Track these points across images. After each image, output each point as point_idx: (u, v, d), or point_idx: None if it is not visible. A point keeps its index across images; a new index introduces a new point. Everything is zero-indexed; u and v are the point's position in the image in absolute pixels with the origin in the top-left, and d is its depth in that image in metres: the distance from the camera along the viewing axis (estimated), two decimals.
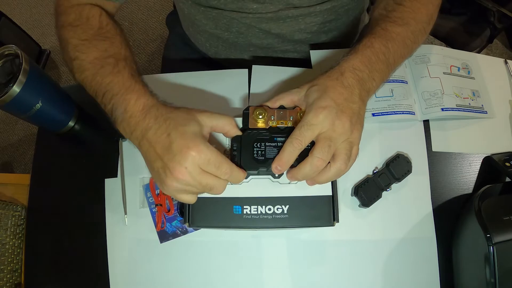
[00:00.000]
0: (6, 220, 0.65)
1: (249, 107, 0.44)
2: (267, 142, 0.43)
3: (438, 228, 0.53)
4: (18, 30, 1.56)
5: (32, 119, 0.56)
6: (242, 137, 0.43)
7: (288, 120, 0.44)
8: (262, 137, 0.43)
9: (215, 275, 0.53)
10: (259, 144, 0.43)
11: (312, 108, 0.41)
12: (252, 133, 0.43)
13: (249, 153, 0.42)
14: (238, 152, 0.42)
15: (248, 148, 0.43)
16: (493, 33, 1.08)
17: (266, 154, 0.42)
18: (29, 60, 0.52)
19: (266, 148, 0.42)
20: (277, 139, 0.43)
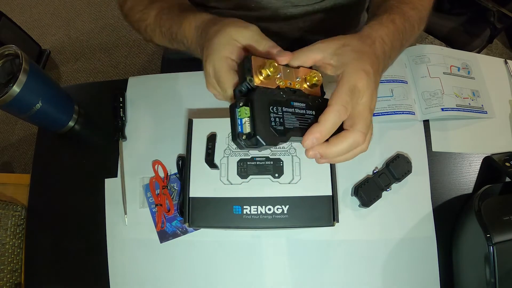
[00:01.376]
0: (6, 220, 0.65)
1: (251, 57, 0.34)
2: (284, 106, 0.33)
3: (438, 228, 0.53)
4: (18, 30, 1.56)
5: (32, 119, 0.56)
6: (253, 96, 0.32)
7: (295, 81, 0.36)
8: (278, 99, 0.33)
9: (215, 275, 0.53)
10: (276, 108, 0.33)
11: (356, 69, 0.34)
12: (267, 92, 0.33)
13: (265, 120, 0.31)
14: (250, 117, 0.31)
15: (263, 113, 0.32)
16: (493, 33, 1.08)
17: (285, 123, 0.33)
18: (29, 60, 0.52)
19: (284, 115, 0.33)
20: (294, 103, 0.34)
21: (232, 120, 0.32)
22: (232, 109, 0.32)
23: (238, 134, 0.32)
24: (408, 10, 0.46)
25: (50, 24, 1.80)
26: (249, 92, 0.33)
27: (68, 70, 1.69)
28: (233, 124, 0.32)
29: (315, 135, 0.32)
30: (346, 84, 0.34)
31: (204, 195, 0.43)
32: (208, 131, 0.47)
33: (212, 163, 0.44)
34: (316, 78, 0.36)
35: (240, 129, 0.32)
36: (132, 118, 0.62)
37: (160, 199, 0.55)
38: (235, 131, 0.32)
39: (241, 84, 0.33)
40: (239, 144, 0.32)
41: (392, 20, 0.43)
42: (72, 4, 1.84)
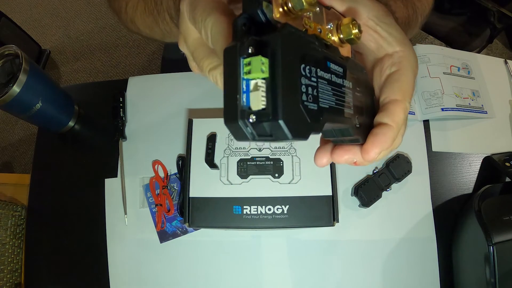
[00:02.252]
0: (6, 220, 0.65)
1: None
2: (319, 68, 0.19)
3: (438, 228, 0.53)
4: (18, 30, 1.56)
5: (32, 119, 0.56)
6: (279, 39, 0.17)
7: (325, 28, 0.23)
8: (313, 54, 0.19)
9: (215, 275, 0.53)
10: (309, 69, 0.18)
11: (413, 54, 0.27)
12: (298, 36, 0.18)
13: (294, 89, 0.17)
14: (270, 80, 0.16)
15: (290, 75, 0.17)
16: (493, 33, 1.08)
17: (319, 99, 0.19)
18: (29, 60, 0.52)
19: (319, 83, 0.19)
20: (331, 65, 0.21)
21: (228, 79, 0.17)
22: (230, 55, 0.17)
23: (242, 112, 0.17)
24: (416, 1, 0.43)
25: (50, 24, 1.80)
26: (262, 30, 0.18)
27: (68, 70, 1.70)
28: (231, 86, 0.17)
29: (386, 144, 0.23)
30: (411, 70, 0.26)
31: (204, 195, 0.44)
32: (208, 131, 0.47)
33: (212, 163, 0.44)
34: (356, 30, 0.23)
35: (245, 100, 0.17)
36: (132, 118, 0.62)
37: (160, 199, 0.55)
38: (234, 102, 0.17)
39: (248, 12, 0.19)
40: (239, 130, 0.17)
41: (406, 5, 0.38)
42: (72, 4, 1.84)
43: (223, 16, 0.22)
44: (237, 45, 0.17)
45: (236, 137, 0.17)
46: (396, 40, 0.27)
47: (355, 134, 0.23)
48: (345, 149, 0.24)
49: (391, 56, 0.27)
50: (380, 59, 0.27)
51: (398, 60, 0.26)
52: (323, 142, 0.27)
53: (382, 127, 0.24)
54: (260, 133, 0.17)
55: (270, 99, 0.16)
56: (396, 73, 0.26)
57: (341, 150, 0.24)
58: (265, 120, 0.16)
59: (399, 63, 0.26)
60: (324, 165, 0.25)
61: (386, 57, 0.27)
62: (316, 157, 0.25)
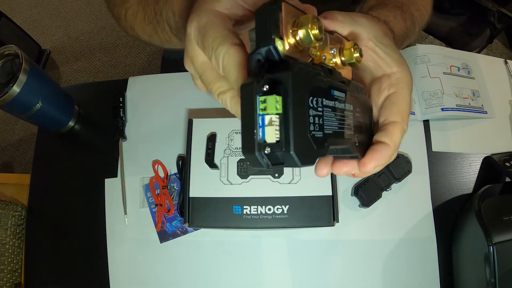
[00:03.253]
0: (6, 220, 0.64)
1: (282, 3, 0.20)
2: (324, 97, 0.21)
3: (438, 228, 0.53)
4: (18, 30, 1.56)
5: (32, 119, 0.56)
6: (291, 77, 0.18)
7: (329, 53, 0.24)
8: (319, 85, 0.21)
9: (215, 275, 0.53)
10: (316, 101, 0.20)
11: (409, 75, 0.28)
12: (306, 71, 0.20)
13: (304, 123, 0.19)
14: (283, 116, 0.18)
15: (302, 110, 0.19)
16: (493, 33, 1.08)
17: (324, 127, 0.21)
18: (29, 60, 0.52)
19: (324, 112, 0.21)
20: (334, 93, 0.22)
21: (246, 114, 0.19)
22: (247, 93, 0.19)
23: (259, 145, 0.18)
24: (414, 11, 0.44)
25: (50, 24, 1.80)
26: (274, 65, 0.20)
27: (68, 70, 1.70)
28: (248, 121, 0.18)
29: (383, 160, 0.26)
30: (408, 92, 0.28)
31: (204, 195, 0.44)
32: (208, 131, 0.47)
33: (212, 163, 0.44)
34: (358, 54, 0.24)
35: (261, 134, 0.18)
36: (132, 118, 0.62)
37: (160, 199, 0.55)
38: (251, 137, 0.18)
39: (262, 48, 0.20)
40: (255, 161, 0.19)
41: (405, 19, 0.39)
42: (72, 4, 1.84)
43: (235, 46, 0.23)
44: (254, 83, 0.18)
45: (253, 165, 0.19)
46: (394, 61, 0.28)
47: (354, 152, 0.25)
48: (344, 162, 0.26)
49: (389, 76, 0.28)
50: (378, 78, 0.29)
51: (396, 82, 0.27)
52: None
53: (381, 145, 0.26)
54: (273, 162, 0.19)
55: (283, 133, 0.18)
56: (394, 95, 0.27)
57: (341, 164, 0.26)
58: (278, 151, 0.18)
59: (397, 84, 0.27)
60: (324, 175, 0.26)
61: (384, 77, 0.28)
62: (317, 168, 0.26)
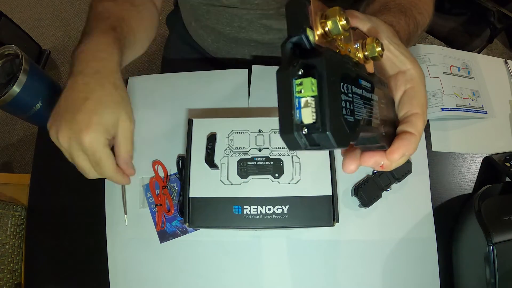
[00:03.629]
0: (6, 220, 0.64)
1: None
2: (354, 85, 0.22)
3: (438, 228, 0.53)
4: (18, 30, 1.56)
5: (32, 119, 0.56)
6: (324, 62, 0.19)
7: (353, 47, 0.26)
8: (349, 73, 0.22)
9: (215, 275, 0.53)
10: (347, 87, 0.22)
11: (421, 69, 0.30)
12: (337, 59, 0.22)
13: (337, 105, 0.20)
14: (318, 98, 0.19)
15: (334, 92, 0.20)
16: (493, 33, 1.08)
17: (355, 112, 0.22)
18: (29, 60, 0.52)
19: (354, 99, 0.22)
20: (362, 82, 0.24)
21: (283, 97, 0.20)
22: (284, 78, 0.20)
23: (297, 125, 0.19)
24: (416, 15, 0.45)
25: (50, 24, 1.80)
26: (305, 53, 0.21)
27: (68, 70, 1.69)
28: (286, 104, 0.19)
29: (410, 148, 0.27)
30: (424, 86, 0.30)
31: (204, 195, 0.44)
32: (208, 131, 0.47)
33: (212, 163, 0.44)
34: (380, 48, 0.26)
35: (298, 115, 0.19)
36: None
37: (160, 199, 0.55)
38: (290, 118, 0.19)
39: (294, 37, 0.21)
40: (294, 141, 0.20)
41: (408, 24, 0.41)
42: (72, 4, 1.84)
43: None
44: (290, 68, 0.20)
45: (290, 147, 0.20)
46: (407, 58, 0.30)
47: (381, 141, 0.26)
48: (372, 153, 0.27)
49: (404, 73, 0.30)
50: (393, 76, 0.30)
51: (411, 78, 0.29)
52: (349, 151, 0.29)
53: (407, 134, 0.27)
54: (311, 143, 0.19)
55: (319, 114, 0.19)
56: (411, 90, 0.29)
57: (369, 154, 0.27)
58: (315, 132, 0.19)
59: (412, 80, 0.29)
60: (353, 171, 0.28)
61: (400, 74, 0.30)
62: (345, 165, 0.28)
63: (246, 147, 0.47)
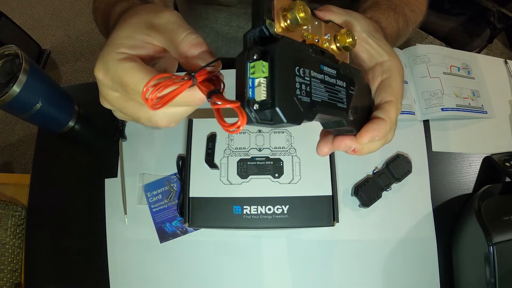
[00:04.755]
0: (6, 220, 0.64)
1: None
2: (312, 70, 0.24)
3: (438, 228, 0.53)
4: (18, 30, 1.56)
5: (32, 119, 0.56)
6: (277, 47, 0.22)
7: (323, 38, 0.28)
8: (307, 58, 0.24)
9: (215, 275, 0.53)
10: (303, 70, 0.23)
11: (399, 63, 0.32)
12: (294, 45, 0.24)
13: (289, 86, 0.22)
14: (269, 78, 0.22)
15: (287, 75, 0.22)
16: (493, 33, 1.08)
17: (312, 94, 0.24)
18: (29, 60, 0.52)
19: (312, 82, 0.24)
20: (324, 68, 0.26)
21: (239, 79, 0.22)
22: (240, 61, 0.22)
23: (248, 101, 0.21)
24: (407, 12, 0.46)
25: (50, 24, 1.80)
26: (267, 41, 0.23)
27: (68, 70, 1.70)
28: (241, 84, 0.22)
29: (379, 133, 0.28)
30: (400, 76, 0.31)
31: (204, 195, 0.44)
32: (208, 131, 0.47)
33: (212, 163, 0.44)
34: (351, 39, 0.28)
35: (251, 93, 0.21)
36: None
37: None
38: (243, 95, 0.22)
39: (256, 28, 0.23)
40: (248, 116, 0.22)
41: (397, 20, 0.42)
42: (72, 4, 1.84)
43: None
44: (245, 52, 0.22)
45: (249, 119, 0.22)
46: (384, 51, 0.32)
47: (348, 125, 0.27)
48: (343, 137, 0.29)
49: (382, 64, 0.32)
50: (372, 67, 0.32)
51: (388, 68, 0.31)
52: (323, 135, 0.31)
53: (377, 119, 0.29)
54: (262, 118, 0.22)
55: (270, 92, 0.21)
56: (388, 79, 0.31)
57: (340, 138, 0.29)
58: (266, 108, 0.21)
59: (389, 70, 0.31)
60: (326, 154, 0.30)
61: (377, 65, 0.32)
62: (318, 147, 0.29)
63: (246, 147, 0.47)
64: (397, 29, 0.41)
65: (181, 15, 0.34)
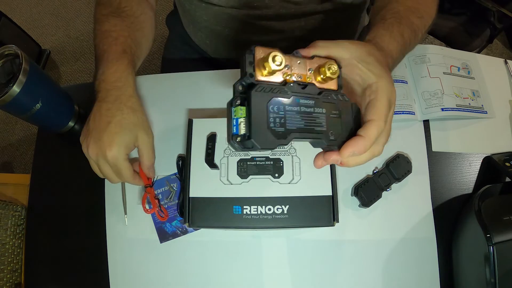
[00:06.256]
0: (6, 220, 0.65)
1: (255, 47, 0.30)
2: (287, 105, 0.30)
3: (438, 228, 0.53)
4: (18, 30, 1.56)
5: (32, 119, 0.56)
6: (251, 95, 0.28)
7: (306, 74, 0.32)
8: (280, 97, 0.30)
9: (215, 275, 0.53)
10: (277, 107, 0.29)
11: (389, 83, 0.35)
12: (265, 88, 0.29)
13: (263, 121, 0.28)
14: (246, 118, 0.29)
15: (260, 113, 0.28)
16: (493, 33, 1.08)
17: (287, 123, 0.29)
18: (29, 60, 0.52)
19: (287, 115, 0.29)
20: (300, 101, 0.30)
21: (228, 120, 0.29)
22: (228, 107, 0.29)
23: (232, 136, 0.29)
24: (414, 20, 0.47)
25: (50, 24, 1.80)
26: (248, 88, 0.29)
27: (68, 70, 1.70)
28: (229, 124, 0.29)
29: (358, 148, 0.32)
30: (385, 97, 0.34)
31: (204, 195, 0.44)
32: (208, 131, 0.47)
33: (212, 163, 0.44)
34: (332, 70, 0.32)
35: (235, 130, 0.29)
36: None
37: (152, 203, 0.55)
38: (229, 131, 0.29)
39: (241, 79, 0.29)
40: (233, 146, 0.29)
41: (401, 33, 0.43)
42: (72, 4, 1.84)
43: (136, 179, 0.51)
44: (231, 101, 0.29)
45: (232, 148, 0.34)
46: (374, 74, 0.35)
47: (329, 144, 0.32)
48: (331, 152, 0.33)
49: (370, 86, 0.35)
50: (364, 89, 0.35)
51: (375, 89, 0.34)
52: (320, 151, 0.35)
53: (357, 137, 0.33)
54: (245, 146, 0.29)
55: (248, 128, 0.28)
56: (373, 100, 0.34)
57: (328, 153, 0.33)
58: (245, 139, 0.28)
59: (376, 91, 0.34)
60: (320, 166, 0.34)
61: (367, 87, 0.35)
62: (314, 161, 0.34)
63: None
64: (402, 42, 0.43)
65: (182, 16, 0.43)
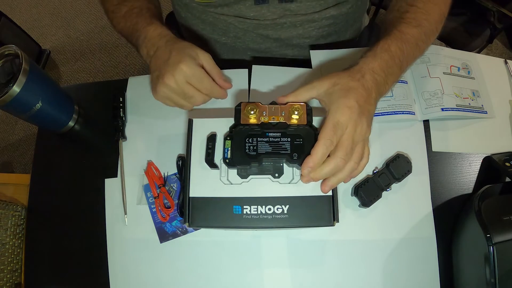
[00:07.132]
0: (6, 220, 0.64)
1: (241, 103, 0.45)
2: (259, 137, 0.43)
3: (438, 228, 0.53)
4: (18, 30, 1.56)
5: (32, 119, 0.56)
6: (234, 133, 0.44)
7: (279, 116, 0.45)
8: (253, 133, 0.44)
9: (215, 275, 0.53)
10: (251, 139, 0.43)
11: (339, 107, 0.41)
12: (243, 129, 0.44)
13: (241, 149, 0.43)
14: (231, 147, 0.43)
15: (239, 144, 0.43)
16: (493, 33, 1.08)
17: (258, 149, 0.43)
18: (29, 60, 0.52)
19: (258, 144, 0.43)
20: (269, 134, 0.44)
21: (223, 147, 0.44)
22: (224, 140, 0.44)
23: (223, 159, 0.43)
24: (409, 30, 0.48)
25: (50, 24, 1.80)
26: (234, 128, 0.44)
27: (68, 70, 1.70)
28: (223, 150, 0.44)
29: (309, 165, 0.40)
30: (331, 121, 0.41)
31: (204, 195, 0.44)
32: (208, 131, 0.47)
33: (212, 163, 0.44)
34: (296, 111, 0.44)
35: (225, 155, 0.43)
36: (132, 118, 0.62)
37: (159, 197, 0.55)
38: (223, 156, 0.43)
39: (234, 123, 0.45)
40: (225, 164, 0.43)
41: (387, 48, 0.47)
42: (72, 4, 1.84)
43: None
44: (225, 136, 0.45)
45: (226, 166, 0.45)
46: (330, 102, 0.43)
47: (292, 163, 0.43)
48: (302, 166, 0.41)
49: (327, 112, 0.43)
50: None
51: (327, 115, 0.42)
52: None
53: (308, 156, 0.41)
54: (230, 165, 0.43)
55: (232, 154, 0.43)
56: (323, 123, 0.41)
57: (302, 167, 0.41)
58: (230, 162, 0.43)
59: (326, 118, 0.42)
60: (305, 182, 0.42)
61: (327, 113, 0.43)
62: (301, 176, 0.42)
63: None
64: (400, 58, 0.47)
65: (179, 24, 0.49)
